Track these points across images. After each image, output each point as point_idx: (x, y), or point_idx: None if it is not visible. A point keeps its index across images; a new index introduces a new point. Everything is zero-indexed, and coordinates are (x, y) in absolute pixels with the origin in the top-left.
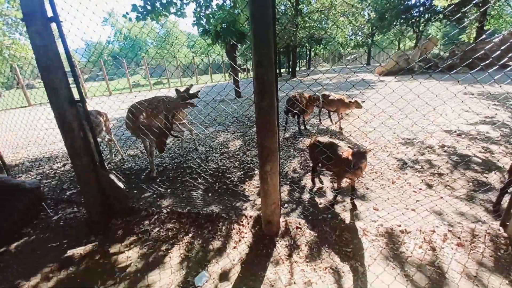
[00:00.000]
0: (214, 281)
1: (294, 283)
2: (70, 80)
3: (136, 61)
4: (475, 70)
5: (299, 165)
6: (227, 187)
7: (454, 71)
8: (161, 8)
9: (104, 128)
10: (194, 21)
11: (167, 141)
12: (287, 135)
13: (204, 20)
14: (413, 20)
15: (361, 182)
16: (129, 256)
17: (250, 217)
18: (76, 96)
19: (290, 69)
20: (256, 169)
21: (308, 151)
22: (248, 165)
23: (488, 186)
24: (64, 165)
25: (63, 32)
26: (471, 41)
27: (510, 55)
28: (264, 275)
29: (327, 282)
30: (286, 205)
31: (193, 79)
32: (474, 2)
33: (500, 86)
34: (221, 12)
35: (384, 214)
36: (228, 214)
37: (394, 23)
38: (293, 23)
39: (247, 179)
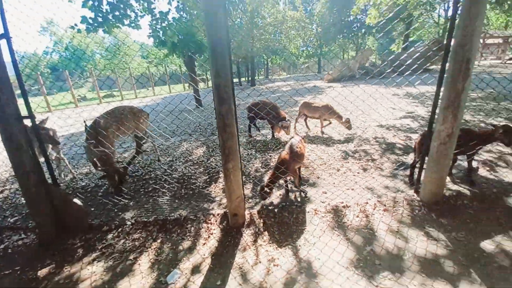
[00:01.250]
0: (186, 276)
1: (260, 262)
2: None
3: (81, 73)
4: (405, 75)
5: (260, 165)
6: (193, 192)
7: (399, 74)
8: (114, 20)
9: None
10: (150, 32)
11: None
12: (255, 138)
13: (161, 32)
14: (352, 34)
15: (313, 173)
16: (93, 271)
17: (218, 214)
18: (24, 112)
19: (250, 78)
20: (221, 172)
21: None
22: (213, 169)
23: (405, 164)
24: (1, 191)
25: (13, 48)
26: (399, 51)
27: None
28: (233, 261)
29: (287, 255)
30: (250, 200)
31: (150, 91)
32: (400, 17)
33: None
34: (177, 25)
35: (331, 195)
36: (196, 215)
37: (338, 36)
38: (250, 36)
39: (213, 182)
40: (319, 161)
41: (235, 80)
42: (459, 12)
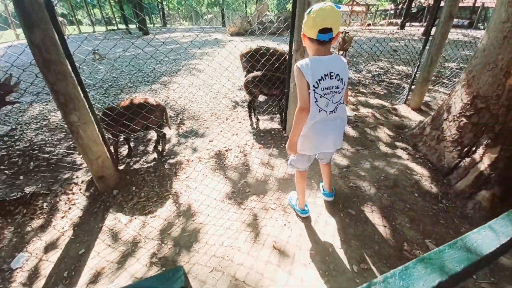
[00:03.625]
0: (37, 256)
1: (135, 218)
2: None
3: None
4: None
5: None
6: (48, 163)
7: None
8: None
9: None
10: None
11: None
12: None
13: None
14: None
15: (203, 124)
16: None
17: (82, 182)
18: None
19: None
20: None
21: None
22: None
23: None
24: None
25: None
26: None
27: None
28: (102, 225)
29: (166, 205)
30: (128, 159)
31: None
32: None
33: None
34: None
35: (216, 142)
36: (50, 188)
37: None
38: None
39: None
40: (210, 112)
41: (122, 26)
42: None
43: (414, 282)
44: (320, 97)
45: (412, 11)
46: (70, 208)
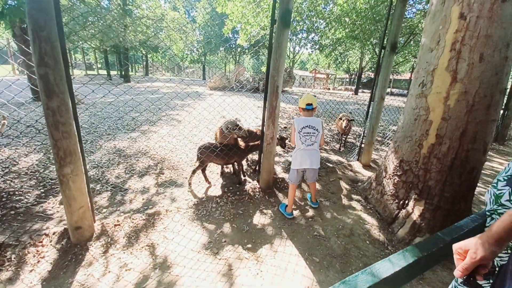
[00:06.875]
0: None
1: (109, 271)
2: None
3: None
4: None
5: (123, 171)
6: (16, 212)
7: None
8: None
9: None
10: None
11: None
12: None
13: None
14: (230, 50)
15: (182, 174)
16: None
17: (54, 233)
18: None
19: (121, 72)
20: None
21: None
22: (53, 181)
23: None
24: None
25: None
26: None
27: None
28: (73, 280)
29: (142, 257)
30: (105, 209)
31: None
32: (260, 44)
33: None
34: None
35: (196, 192)
36: (19, 239)
37: (219, 49)
38: (121, 23)
39: (51, 196)
40: (190, 163)
41: (102, 72)
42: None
43: None
44: (301, 137)
45: (363, 81)
46: (39, 262)
